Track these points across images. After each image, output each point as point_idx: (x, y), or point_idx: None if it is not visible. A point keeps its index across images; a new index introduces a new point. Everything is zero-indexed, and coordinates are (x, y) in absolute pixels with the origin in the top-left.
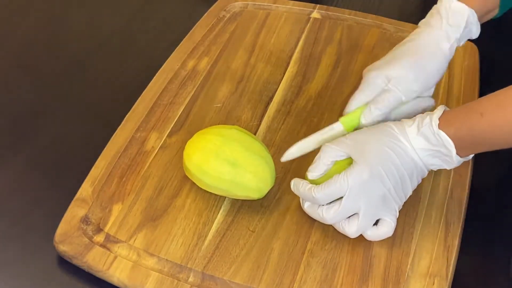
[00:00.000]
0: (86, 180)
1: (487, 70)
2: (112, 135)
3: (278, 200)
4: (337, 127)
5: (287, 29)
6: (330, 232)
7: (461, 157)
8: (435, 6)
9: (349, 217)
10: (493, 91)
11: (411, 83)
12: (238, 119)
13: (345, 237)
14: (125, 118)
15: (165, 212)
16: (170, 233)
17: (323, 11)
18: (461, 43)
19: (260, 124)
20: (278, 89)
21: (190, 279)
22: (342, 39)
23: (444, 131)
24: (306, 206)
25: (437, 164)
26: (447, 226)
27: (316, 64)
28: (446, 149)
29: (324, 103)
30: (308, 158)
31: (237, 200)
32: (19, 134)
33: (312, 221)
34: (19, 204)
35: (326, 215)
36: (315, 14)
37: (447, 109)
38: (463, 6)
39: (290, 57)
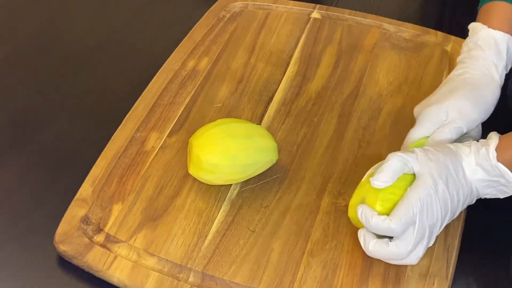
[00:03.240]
0: (86, 180)
1: None
2: (112, 135)
3: (278, 200)
4: None
5: (287, 29)
6: (330, 232)
7: None
8: (468, 39)
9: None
10: None
11: (470, 113)
12: (238, 119)
13: (345, 237)
14: (125, 118)
15: (165, 212)
16: (170, 233)
17: (323, 11)
18: (508, 68)
19: (260, 124)
20: (278, 89)
21: (190, 279)
22: (342, 39)
23: (501, 159)
24: (372, 246)
25: (492, 194)
26: (447, 226)
27: (316, 64)
28: (504, 179)
29: (324, 103)
30: (309, 155)
31: (237, 200)
32: (19, 134)
33: (312, 221)
34: (19, 204)
35: (403, 246)
36: (315, 14)
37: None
38: (500, 33)
39: (290, 57)
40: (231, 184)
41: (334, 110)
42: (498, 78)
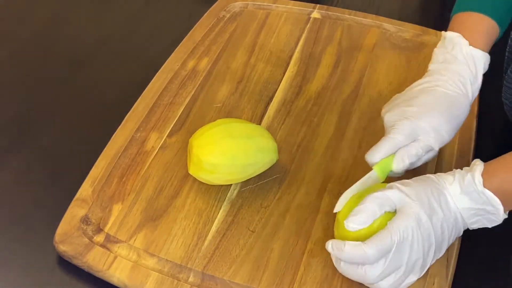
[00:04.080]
0: (86, 180)
1: (487, 72)
2: (112, 135)
3: (278, 200)
4: (373, 175)
5: (287, 29)
6: (330, 232)
7: (505, 211)
8: (444, 49)
9: None
10: (493, 92)
11: (443, 133)
12: (238, 119)
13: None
14: (125, 118)
15: (165, 212)
16: (170, 233)
17: (323, 11)
18: (479, 86)
19: (260, 124)
20: (278, 89)
21: (190, 279)
22: (342, 39)
23: (487, 185)
24: (343, 264)
25: (479, 223)
26: None
27: (316, 64)
28: (492, 207)
29: (324, 103)
30: (309, 155)
31: (237, 200)
32: (19, 134)
33: (312, 221)
34: (19, 204)
35: (371, 273)
36: (315, 14)
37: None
38: (481, 52)
39: (290, 57)
40: (231, 184)
41: (334, 110)
42: (471, 97)
